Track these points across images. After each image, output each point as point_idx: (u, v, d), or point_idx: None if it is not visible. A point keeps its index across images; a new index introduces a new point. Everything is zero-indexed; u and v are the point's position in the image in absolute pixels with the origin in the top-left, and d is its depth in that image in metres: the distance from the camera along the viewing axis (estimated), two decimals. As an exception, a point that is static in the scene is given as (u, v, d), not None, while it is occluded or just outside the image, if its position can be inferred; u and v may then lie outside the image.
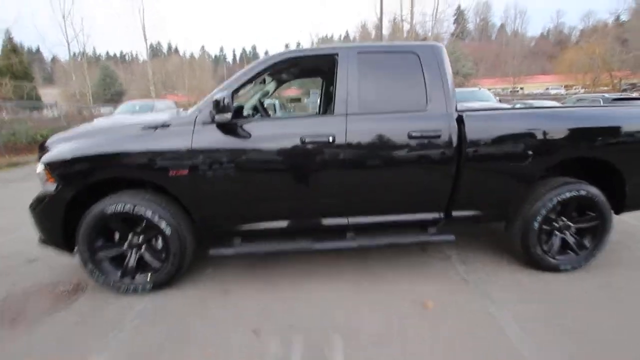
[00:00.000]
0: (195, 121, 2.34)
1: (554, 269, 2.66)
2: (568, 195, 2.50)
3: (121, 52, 67.35)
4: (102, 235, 2.44)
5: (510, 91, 38.10)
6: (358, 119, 2.36)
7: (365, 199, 2.48)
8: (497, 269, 2.76)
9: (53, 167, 2.31)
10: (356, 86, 2.38)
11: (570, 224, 2.64)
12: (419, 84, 2.40)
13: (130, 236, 2.48)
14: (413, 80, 2.41)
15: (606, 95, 12.03)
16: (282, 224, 2.51)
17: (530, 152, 2.39)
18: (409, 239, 2.54)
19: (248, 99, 3.39)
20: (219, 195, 2.38)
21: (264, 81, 3.42)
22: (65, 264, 3.03)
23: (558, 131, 2.41)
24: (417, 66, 2.40)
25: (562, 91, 33.03)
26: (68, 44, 26.46)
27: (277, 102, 11.64)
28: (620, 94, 14.08)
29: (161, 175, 2.30)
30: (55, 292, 2.64)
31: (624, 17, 36.40)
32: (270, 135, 2.37)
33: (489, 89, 13.72)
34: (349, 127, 2.34)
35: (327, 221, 2.53)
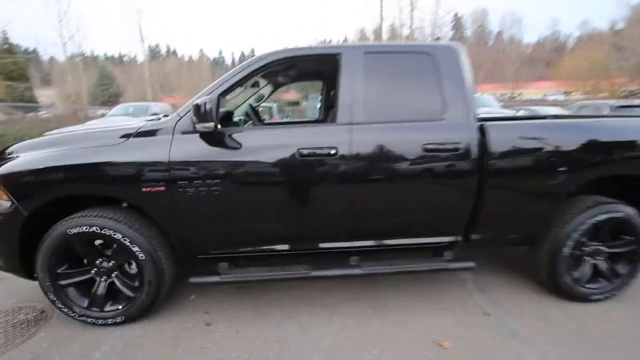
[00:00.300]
0: (174, 129, 2.01)
1: (584, 298, 2.34)
2: (604, 217, 2.19)
3: (120, 54, 66.80)
4: (66, 259, 2.10)
5: (509, 97, 38.00)
6: (364, 128, 2.04)
7: (372, 220, 2.15)
8: (520, 298, 2.44)
9: (5, 182, 1.98)
10: (362, 91, 2.06)
11: (604, 249, 2.33)
12: (434, 90, 2.08)
13: (98, 261, 2.14)
14: (428, 85, 2.09)
15: (611, 102, 11.81)
16: (275, 247, 2.18)
17: (563, 168, 2.08)
18: (422, 266, 2.21)
19: (239, 104, 3.07)
20: (201, 215, 2.05)
21: (257, 84, 3.11)
22: (32, 285, 2.66)
23: (597, 145, 2.11)
24: (433, 69, 2.09)
25: (561, 97, 32.94)
26: (63, 45, 26.06)
27: (274, 105, 11.33)
28: (623, 100, 13.87)
29: (133, 192, 1.97)
30: (15, 322, 2.29)
31: (620, 25, 36.52)
32: (262, 146, 2.04)
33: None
34: (354, 137, 2.02)
35: (328, 244, 2.20)
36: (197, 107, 1.83)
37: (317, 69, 3.03)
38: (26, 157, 2.05)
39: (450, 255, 2.27)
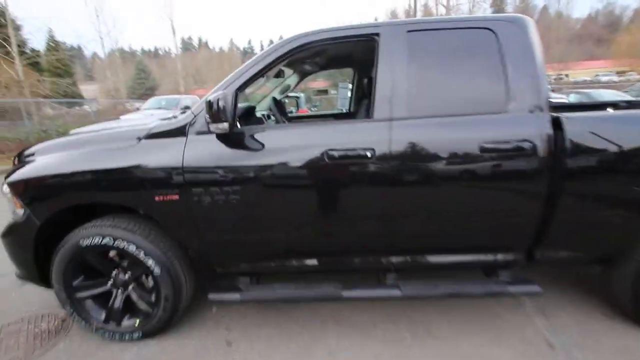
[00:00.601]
0: (188, 130, 1.79)
1: (676, 330, 1.90)
2: None
3: (155, 47, 69.03)
4: (81, 271, 1.98)
5: (554, 78, 34.98)
6: (407, 125, 1.71)
7: (414, 235, 1.83)
8: (592, 326, 2.03)
9: (16, 190, 1.86)
10: (405, 79, 1.72)
11: None
12: (495, 75, 1.69)
13: (114, 273, 2.00)
14: (488, 69, 1.70)
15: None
16: (303, 262, 1.93)
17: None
18: (475, 289, 1.87)
19: (262, 97, 2.81)
20: (220, 227, 1.83)
21: (282, 73, 2.82)
22: (58, 289, 2.64)
23: None
24: (494, 48, 1.69)
25: (615, 78, 29.85)
26: (101, 40, 27.26)
27: (302, 95, 11.04)
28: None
29: (145, 201, 1.78)
30: (37, 331, 2.22)
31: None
32: (286, 147, 1.76)
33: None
34: (394, 136, 1.69)
35: (361, 260, 1.91)
36: (209, 105, 1.58)
37: (350, 53, 2.68)
38: (38, 162, 1.93)
39: (508, 276, 1.90)
